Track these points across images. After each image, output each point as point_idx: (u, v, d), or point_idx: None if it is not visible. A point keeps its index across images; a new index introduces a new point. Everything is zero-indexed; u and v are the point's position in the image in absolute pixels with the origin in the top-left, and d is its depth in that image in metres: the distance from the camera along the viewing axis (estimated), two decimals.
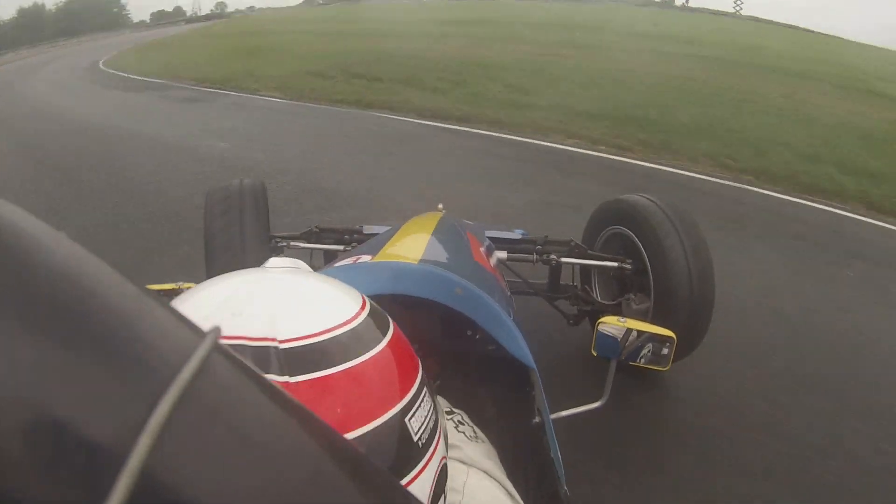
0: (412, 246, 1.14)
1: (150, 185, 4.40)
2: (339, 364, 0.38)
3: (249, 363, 0.33)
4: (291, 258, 0.56)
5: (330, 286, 0.45)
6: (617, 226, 2.17)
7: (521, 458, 0.76)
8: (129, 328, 0.19)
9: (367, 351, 0.40)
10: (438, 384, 0.79)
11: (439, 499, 0.43)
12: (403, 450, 0.39)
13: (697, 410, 2.02)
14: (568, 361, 2.18)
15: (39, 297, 0.18)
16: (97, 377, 0.17)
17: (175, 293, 1.42)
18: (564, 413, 0.97)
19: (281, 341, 0.37)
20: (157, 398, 0.17)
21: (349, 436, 0.37)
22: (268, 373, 0.35)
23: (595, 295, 2.29)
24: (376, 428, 0.38)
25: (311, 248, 2.10)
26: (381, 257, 1.04)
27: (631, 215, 2.08)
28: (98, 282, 0.20)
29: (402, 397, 0.41)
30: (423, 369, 0.46)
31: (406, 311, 0.74)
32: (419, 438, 0.41)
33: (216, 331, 0.21)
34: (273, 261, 0.54)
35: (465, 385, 0.84)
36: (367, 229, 2.16)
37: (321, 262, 2.01)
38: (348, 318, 0.41)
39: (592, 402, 1.03)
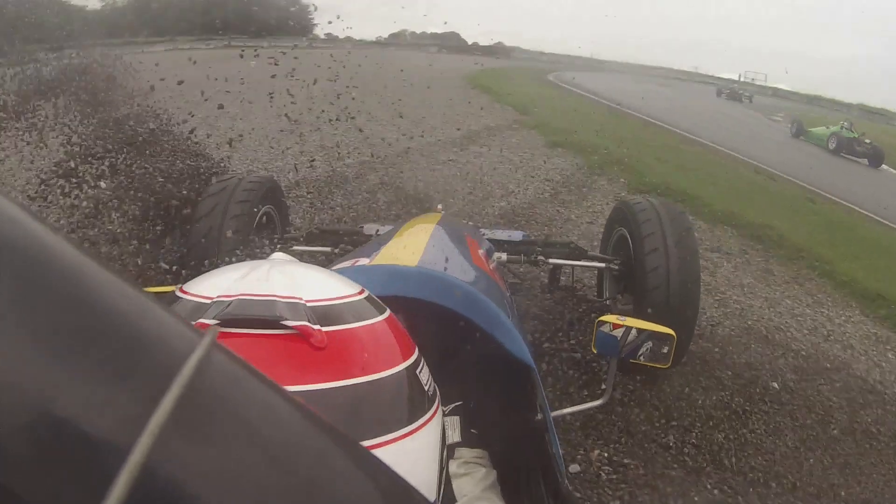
0: (411, 248, 1.14)
1: None
2: (357, 321, 0.44)
3: (281, 313, 0.39)
4: (289, 255, 0.62)
5: (330, 272, 0.52)
6: (621, 227, 2.24)
7: (523, 455, 0.76)
8: (129, 328, 0.19)
9: (376, 316, 0.47)
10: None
11: (444, 445, 0.50)
12: (417, 395, 0.46)
13: None
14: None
15: (41, 297, 0.18)
16: (99, 377, 0.18)
17: (173, 297, 1.42)
18: (567, 410, 0.98)
19: (306, 301, 0.42)
20: (159, 397, 0.18)
21: (377, 376, 0.42)
22: (299, 321, 0.40)
23: (605, 294, 2.34)
24: (397, 373, 0.44)
25: (310, 251, 2.10)
26: (379, 260, 1.04)
27: (631, 216, 2.12)
28: (98, 283, 0.20)
29: (410, 354, 0.47)
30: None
31: (406, 312, 0.74)
32: (428, 389, 0.48)
33: (214, 330, 0.21)
34: (277, 255, 0.60)
35: (466, 385, 0.84)
36: (368, 229, 2.17)
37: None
38: (355, 292, 0.48)
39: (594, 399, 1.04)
